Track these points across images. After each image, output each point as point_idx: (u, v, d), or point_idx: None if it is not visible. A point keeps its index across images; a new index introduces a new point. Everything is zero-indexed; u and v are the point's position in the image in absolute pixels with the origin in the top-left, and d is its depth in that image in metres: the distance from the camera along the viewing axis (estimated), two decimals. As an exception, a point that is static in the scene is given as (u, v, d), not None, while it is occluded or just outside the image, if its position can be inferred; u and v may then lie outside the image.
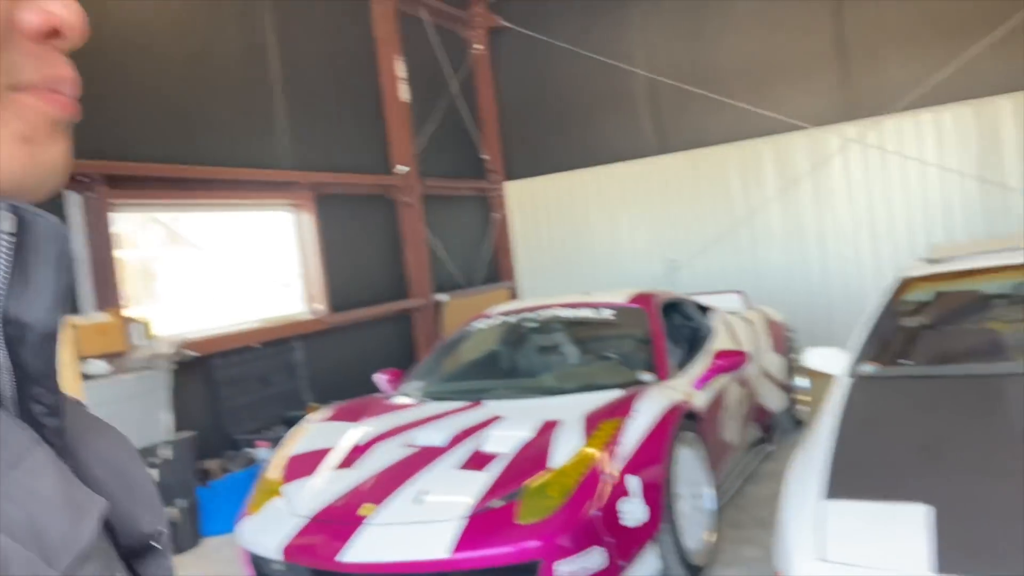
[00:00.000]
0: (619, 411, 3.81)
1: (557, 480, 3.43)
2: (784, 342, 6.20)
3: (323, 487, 3.81)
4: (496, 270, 10.23)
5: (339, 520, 3.56)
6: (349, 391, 5.82)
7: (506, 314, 5.51)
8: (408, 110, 8.63)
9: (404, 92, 8.56)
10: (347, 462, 3.98)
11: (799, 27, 8.53)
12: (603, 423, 3.72)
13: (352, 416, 4.45)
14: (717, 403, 4.58)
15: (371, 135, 8.24)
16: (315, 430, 4.39)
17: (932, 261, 4.37)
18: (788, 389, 6.09)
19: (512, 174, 10.26)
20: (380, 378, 5.19)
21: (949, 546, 2.28)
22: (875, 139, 8.19)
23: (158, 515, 0.60)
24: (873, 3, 8.18)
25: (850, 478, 2.71)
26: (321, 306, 7.35)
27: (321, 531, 3.57)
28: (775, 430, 5.82)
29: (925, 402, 3.23)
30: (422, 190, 8.73)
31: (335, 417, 4.50)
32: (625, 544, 3.39)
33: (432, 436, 4.03)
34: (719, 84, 8.74)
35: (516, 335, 5.39)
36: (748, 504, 4.74)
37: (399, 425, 4.24)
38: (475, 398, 4.47)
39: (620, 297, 5.24)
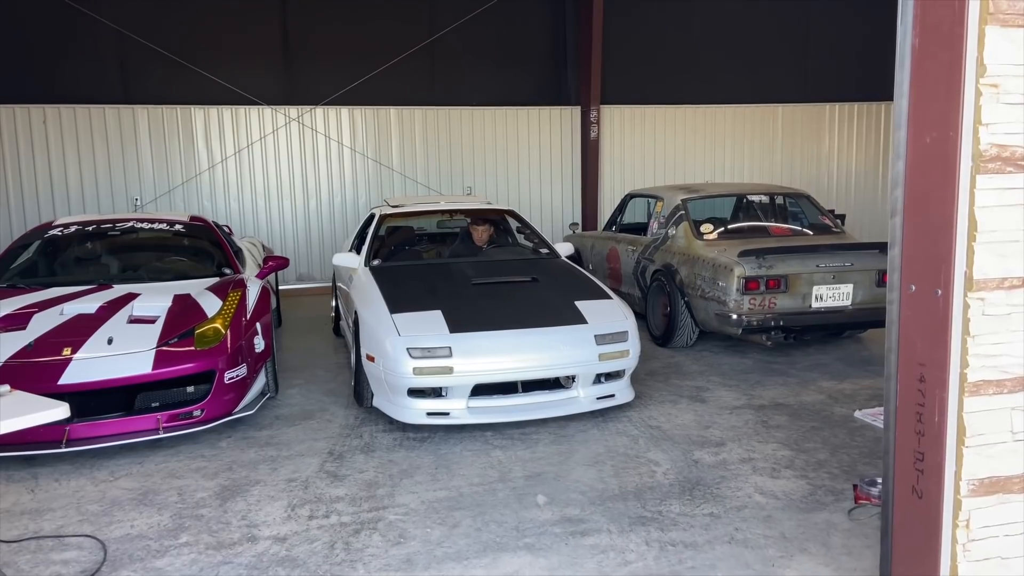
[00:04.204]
0: (237, 286, 5.72)
1: (214, 324, 5.20)
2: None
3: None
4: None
5: (44, 359, 4.64)
6: None
7: (81, 224, 6.51)
8: None
9: None
10: (7, 327, 4.90)
11: (253, 20, 10.78)
12: (230, 292, 5.58)
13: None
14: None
15: None
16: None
17: (394, 205, 7.32)
18: (277, 293, 8.44)
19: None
20: None
21: (453, 323, 5.13)
22: (310, 122, 10.99)
23: None
24: (314, 21, 10.95)
25: (399, 304, 5.36)
26: None
27: (25, 371, 4.57)
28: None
29: (413, 275, 6.10)
30: None
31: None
32: (255, 364, 5.39)
33: (81, 307, 5.23)
34: (185, 50, 10.38)
35: (102, 239, 6.45)
36: (279, 359, 7.03)
37: (44, 300, 5.27)
38: (100, 283, 5.70)
39: (181, 216, 6.85)
